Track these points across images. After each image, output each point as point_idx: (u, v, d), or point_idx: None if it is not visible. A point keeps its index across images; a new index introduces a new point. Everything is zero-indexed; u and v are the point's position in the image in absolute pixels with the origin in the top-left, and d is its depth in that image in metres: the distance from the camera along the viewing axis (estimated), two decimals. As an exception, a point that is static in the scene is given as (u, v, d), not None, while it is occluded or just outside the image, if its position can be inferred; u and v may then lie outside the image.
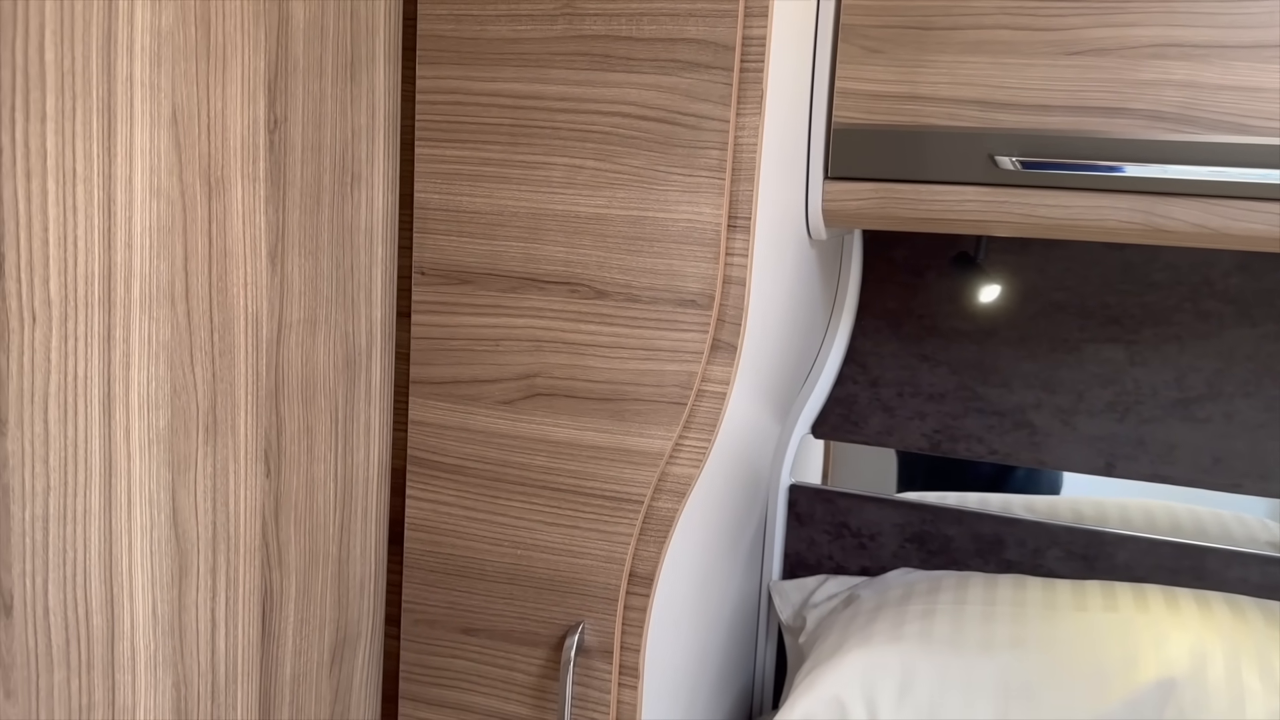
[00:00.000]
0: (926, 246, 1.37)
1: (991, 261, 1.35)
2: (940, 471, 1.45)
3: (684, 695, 1.10)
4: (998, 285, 1.35)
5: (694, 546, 1.02)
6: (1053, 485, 1.41)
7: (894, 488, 1.45)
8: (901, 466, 1.48)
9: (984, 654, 1.10)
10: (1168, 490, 1.33)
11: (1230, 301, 1.26)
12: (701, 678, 1.18)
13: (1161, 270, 1.28)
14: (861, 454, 1.46)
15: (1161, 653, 1.06)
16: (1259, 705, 1.00)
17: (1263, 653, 1.05)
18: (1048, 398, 1.34)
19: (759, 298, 0.94)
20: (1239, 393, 1.26)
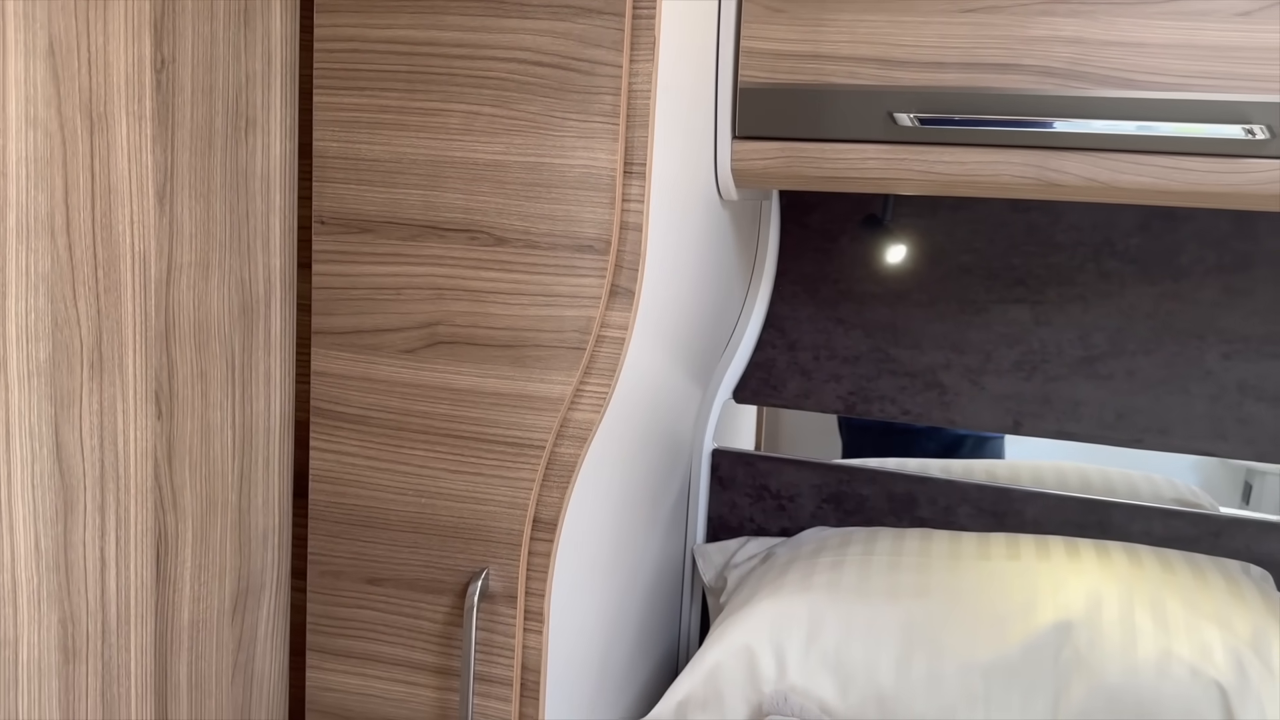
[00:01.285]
0: (840, 211, 1.40)
1: (900, 224, 1.37)
2: (895, 437, 1.48)
3: (597, 645, 1.11)
4: (907, 248, 1.37)
5: (602, 495, 1.03)
6: (996, 450, 1.45)
7: (839, 453, 1.48)
8: (848, 432, 1.51)
9: (889, 601, 1.12)
10: (1097, 452, 1.37)
11: (1131, 261, 1.29)
12: (619, 632, 1.19)
13: (1065, 231, 1.31)
14: (803, 420, 1.49)
15: (1059, 597, 1.09)
16: (1149, 643, 1.03)
17: (1155, 596, 1.08)
18: (957, 358, 1.37)
19: (660, 247, 0.95)
20: (1140, 350, 1.30)
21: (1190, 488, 1.37)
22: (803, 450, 1.48)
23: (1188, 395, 1.29)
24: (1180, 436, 1.30)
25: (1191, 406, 1.29)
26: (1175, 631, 1.04)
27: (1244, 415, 1.27)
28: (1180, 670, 1.00)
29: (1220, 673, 0.99)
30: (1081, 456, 1.39)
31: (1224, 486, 1.37)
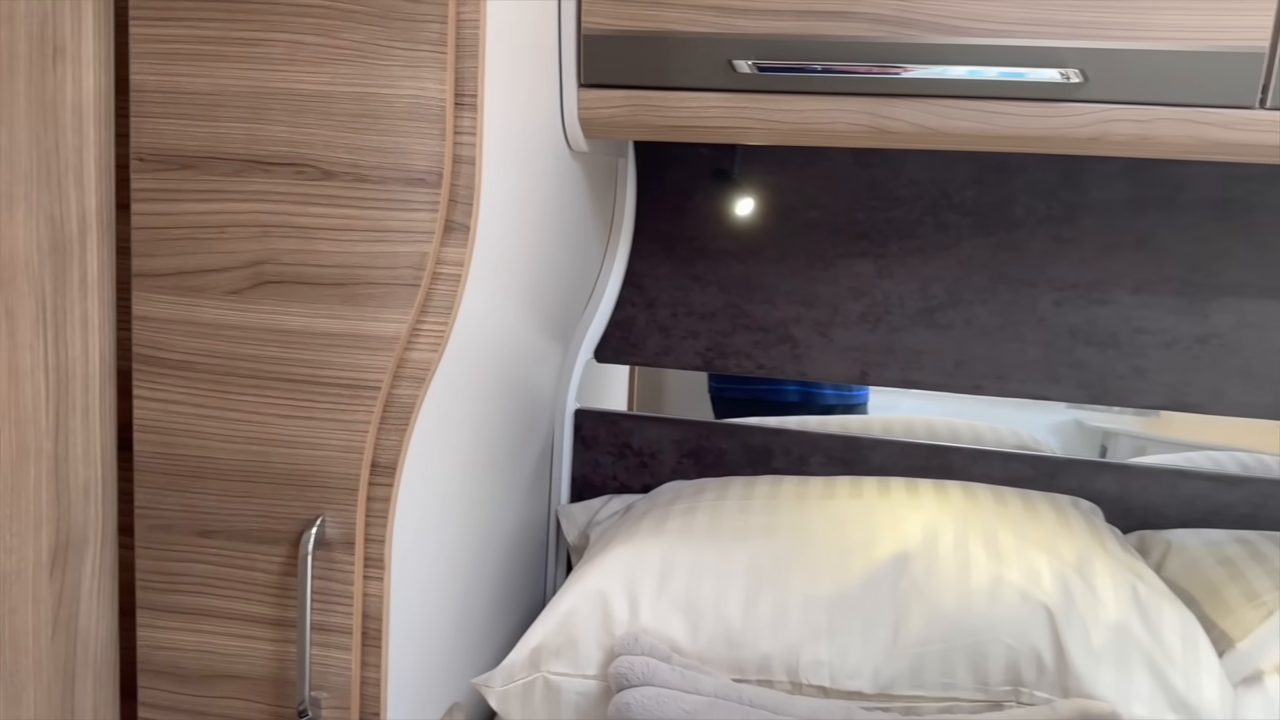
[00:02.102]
0: (694, 169, 1.41)
1: (750, 181, 1.40)
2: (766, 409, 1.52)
3: (450, 598, 1.10)
4: (758, 205, 1.40)
5: (448, 441, 1.01)
6: (894, 407, 1.50)
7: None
8: (720, 404, 1.54)
9: (738, 542, 1.14)
10: (959, 406, 1.43)
11: (967, 214, 1.35)
12: (476, 587, 1.18)
13: (905, 186, 1.36)
14: (678, 381, 1.52)
15: (898, 531, 1.13)
16: (982, 571, 1.07)
17: (989, 528, 1.13)
18: (807, 312, 1.40)
19: (499, 185, 0.94)
20: (976, 300, 1.36)
21: (1032, 436, 1.44)
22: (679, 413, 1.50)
23: (1022, 342, 1.35)
24: (1016, 381, 1.36)
25: (1026, 352, 1.35)
26: (1006, 559, 1.08)
27: (1075, 359, 1.34)
28: (1010, 594, 1.05)
29: (1048, 595, 1.04)
30: (964, 412, 1.45)
31: (1082, 446, 1.44)
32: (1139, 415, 1.48)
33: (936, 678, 1.04)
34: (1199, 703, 0.98)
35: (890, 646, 1.06)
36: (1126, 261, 1.31)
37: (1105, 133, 1.04)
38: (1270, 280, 1.28)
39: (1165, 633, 1.02)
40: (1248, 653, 1.03)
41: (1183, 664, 1.00)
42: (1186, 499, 1.32)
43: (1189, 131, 1.02)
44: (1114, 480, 1.34)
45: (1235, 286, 1.29)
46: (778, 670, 1.07)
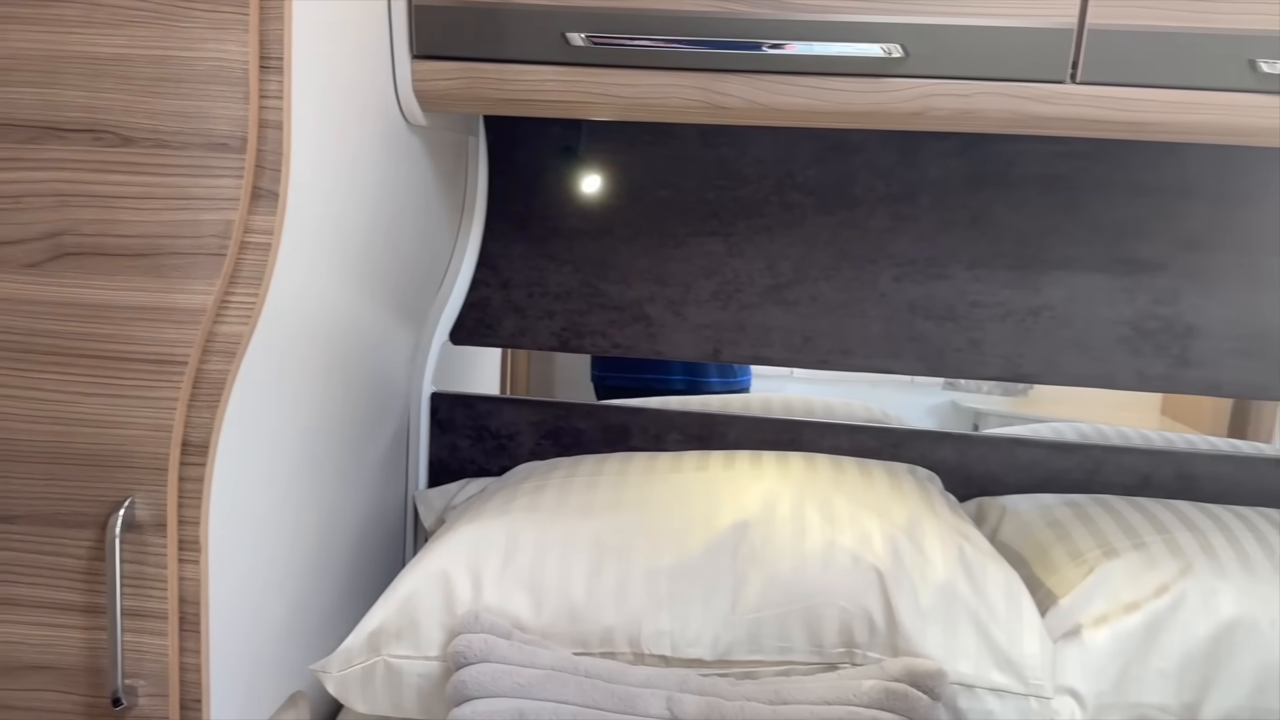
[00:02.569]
0: (545, 148, 1.41)
1: (600, 159, 1.40)
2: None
3: (283, 582, 1.07)
4: (610, 183, 1.40)
5: (271, 418, 0.99)
6: (780, 390, 1.52)
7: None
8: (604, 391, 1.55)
9: (583, 518, 1.14)
10: (830, 387, 1.47)
11: (810, 193, 1.37)
12: (318, 572, 1.15)
13: (751, 165, 1.38)
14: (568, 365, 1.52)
15: (739, 501, 1.14)
16: (817, 536, 1.09)
17: (825, 495, 1.15)
18: (660, 290, 1.41)
19: (315, 153, 0.92)
20: (822, 277, 1.39)
21: (882, 410, 1.47)
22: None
23: (865, 317, 1.39)
24: (860, 356, 1.39)
25: (869, 327, 1.39)
26: (840, 524, 1.11)
27: (915, 333, 1.38)
28: (843, 558, 1.07)
29: (878, 558, 1.07)
30: (845, 394, 1.48)
31: (957, 425, 1.49)
32: (1008, 395, 1.54)
33: (774, 642, 1.06)
34: (1021, 658, 1.02)
35: (729, 614, 1.07)
36: (962, 238, 1.35)
37: (928, 107, 1.07)
38: (1097, 254, 1.33)
39: (990, 591, 1.06)
40: (1069, 608, 1.08)
41: (1006, 621, 1.04)
42: (1023, 466, 1.37)
43: (1007, 105, 1.06)
44: (954, 450, 1.38)
45: (1065, 261, 1.34)
46: (620, 642, 1.07)
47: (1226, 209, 1.30)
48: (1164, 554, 1.10)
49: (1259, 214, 1.30)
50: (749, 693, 0.97)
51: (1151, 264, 1.32)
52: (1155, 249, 1.32)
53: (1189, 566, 1.07)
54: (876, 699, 0.95)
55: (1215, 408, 1.46)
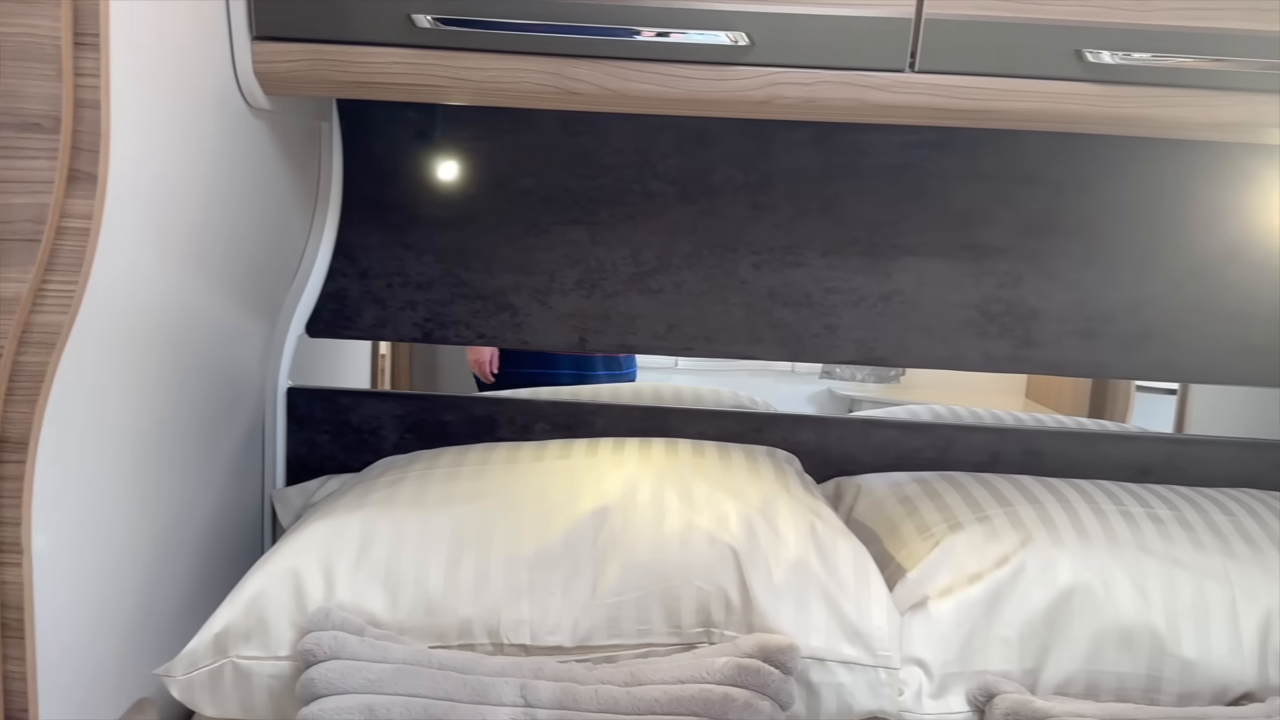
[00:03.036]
0: (402, 133, 1.38)
1: (460, 148, 1.38)
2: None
3: (120, 585, 1.02)
4: (472, 171, 1.38)
5: (99, 414, 0.94)
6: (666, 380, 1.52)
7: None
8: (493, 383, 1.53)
9: (442, 509, 1.12)
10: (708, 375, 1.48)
11: (671, 181, 1.38)
12: (162, 574, 1.11)
13: (612, 154, 1.38)
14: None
15: (600, 487, 1.14)
16: (675, 518, 1.10)
17: (684, 478, 1.16)
18: (525, 279, 1.40)
19: (139, 134, 0.88)
20: (684, 265, 1.40)
21: (750, 396, 1.50)
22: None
23: (727, 304, 1.40)
24: (723, 342, 1.41)
25: (730, 314, 1.40)
26: (698, 506, 1.12)
27: (774, 319, 1.40)
28: (700, 539, 1.08)
29: (734, 538, 1.08)
30: (726, 384, 1.50)
31: (832, 411, 1.52)
32: (881, 382, 1.58)
33: (633, 625, 1.06)
34: (869, 630, 1.05)
35: (589, 599, 1.07)
36: (817, 225, 1.38)
37: (774, 95, 1.08)
38: (943, 241, 1.38)
39: (840, 566, 1.09)
40: (916, 581, 1.11)
41: (855, 595, 1.07)
42: (878, 446, 1.41)
43: (849, 94, 1.08)
44: (813, 432, 1.41)
45: (913, 247, 1.38)
46: (479, 633, 1.06)
47: (1065, 196, 1.37)
48: (1006, 526, 1.14)
49: (1095, 200, 1.37)
50: (605, 676, 0.97)
51: (995, 250, 1.38)
52: (998, 235, 1.38)
53: (1029, 537, 1.12)
54: (729, 675, 0.96)
55: (1076, 390, 1.53)
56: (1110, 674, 1.06)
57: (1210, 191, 1.36)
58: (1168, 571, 1.09)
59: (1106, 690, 1.06)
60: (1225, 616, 1.07)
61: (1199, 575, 1.09)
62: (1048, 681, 1.06)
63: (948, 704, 1.04)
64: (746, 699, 0.94)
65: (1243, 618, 1.07)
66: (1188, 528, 1.16)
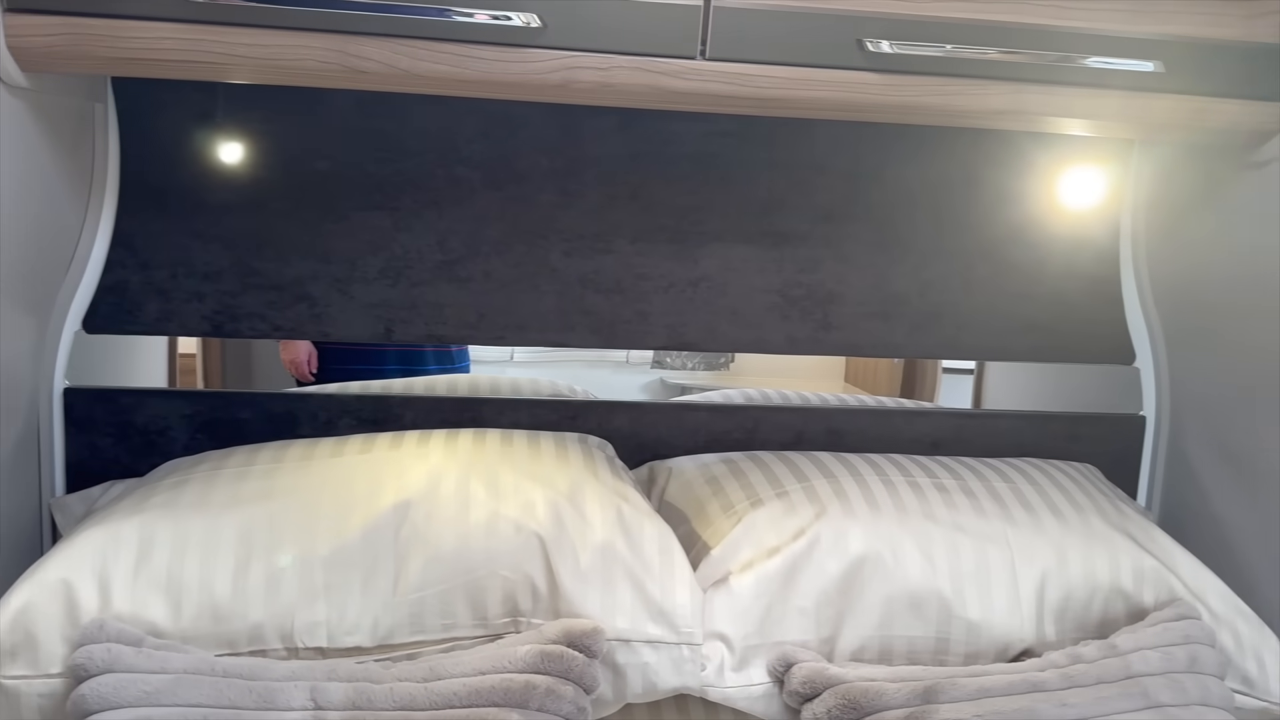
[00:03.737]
0: (185, 114, 1.30)
1: (248, 130, 1.31)
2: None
3: None
4: (261, 155, 1.32)
5: None
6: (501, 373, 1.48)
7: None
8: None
9: (229, 511, 1.07)
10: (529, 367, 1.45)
11: (477, 167, 1.36)
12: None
13: (413, 138, 1.34)
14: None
15: (402, 481, 1.11)
16: (481, 509, 1.09)
17: (492, 469, 1.15)
18: (324, 268, 1.35)
19: None
20: (493, 252, 1.38)
21: (569, 386, 1.49)
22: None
23: (538, 292, 1.39)
24: (536, 330, 1.40)
25: (542, 302, 1.39)
26: (504, 495, 1.10)
27: (586, 307, 1.40)
28: (506, 528, 1.07)
29: (540, 525, 1.08)
30: (560, 376, 1.48)
31: (666, 397, 1.52)
32: (711, 370, 1.60)
33: (437, 620, 1.04)
34: (673, 608, 1.06)
35: (390, 596, 1.04)
36: (625, 212, 1.39)
37: (570, 79, 1.08)
38: (746, 227, 1.41)
39: (646, 548, 1.09)
40: (720, 558, 1.13)
41: (660, 575, 1.08)
42: (691, 429, 1.44)
43: (644, 80, 1.09)
44: (628, 418, 1.42)
45: (719, 233, 1.41)
46: (271, 638, 1.01)
47: (857, 184, 1.42)
48: (803, 500, 1.18)
49: (886, 188, 1.43)
50: (402, 673, 0.95)
51: (795, 236, 1.42)
52: (797, 222, 1.42)
53: (824, 510, 1.16)
54: (532, 663, 0.96)
55: (890, 372, 1.59)
56: (902, 638, 1.11)
57: (994, 177, 1.45)
58: (952, 538, 1.15)
59: (899, 654, 1.11)
60: (1005, 579, 1.14)
61: (981, 540, 1.16)
62: (843, 648, 1.10)
63: (749, 676, 1.07)
64: (549, 685, 0.94)
65: (1021, 579, 1.14)
66: (971, 496, 1.22)
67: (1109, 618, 1.16)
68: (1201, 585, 1.17)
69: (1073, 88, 1.14)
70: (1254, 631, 1.15)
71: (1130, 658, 1.05)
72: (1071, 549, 1.17)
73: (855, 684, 1.01)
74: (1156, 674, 1.03)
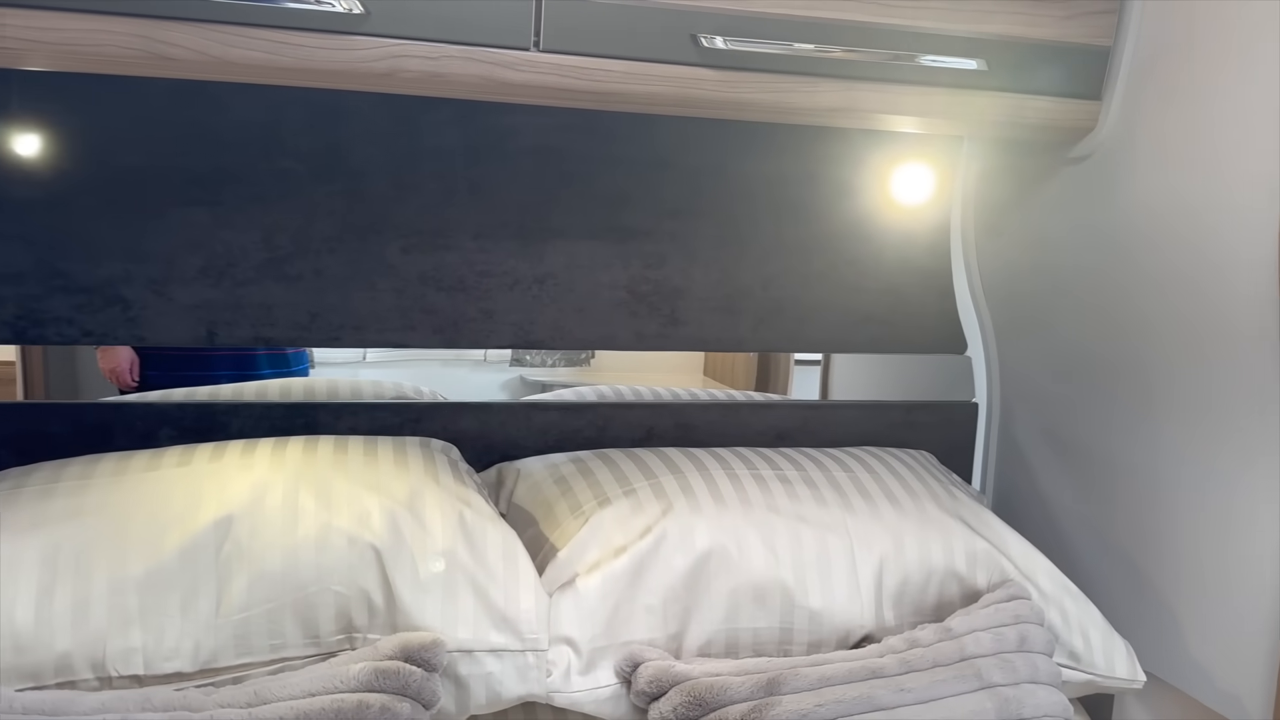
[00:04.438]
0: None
1: (49, 121, 1.21)
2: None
3: None
4: (64, 147, 1.22)
5: None
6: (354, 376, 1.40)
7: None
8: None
9: (32, 532, 0.98)
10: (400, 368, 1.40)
11: (304, 159, 1.29)
12: None
13: (233, 129, 1.27)
14: None
15: (223, 494, 1.04)
16: (310, 521, 1.03)
17: (322, 478, 1.09)
18: (138, 269, 1.26)
19: None
20: (325, 249, 1.31)
21: (415, 386, 1.44)
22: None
23: (375, 290, 1.34)
24: (374, 331, 1.35)
25: (380, 300, 1.34)
26: (337, 506, 1.05)
27: (427, 305, 1.36)
28: (339, 540, 1.02)
29: (376, 536, 1.03)
30: (413, 377, 1.41)
31: (529, 394, 1.47)
32: (571, 366, 1.56)
33: (265, 640, 0.98)
34: (517, 615, 1.03)
35: (213, 617, 0.98)
36: (465, 207, 1.35)
37: (397, 68, 1.04)
38: (590, 223, 1.39)
39: (489, 554, 1.06)
40: (567, 560, 1.11)
41: (504, 581, 1.05)
42: (540, 428, 1.41)
43: (476, 70, 1.06)
44: (475, 419, 1.38)
45: (563, 229, 1.39)
46: (81, 667, 0.94)
47: (699, 179, 1.42)
48: (650, 498, 1.17)
49: (729, 184, 1.44)
50: (224, 699, 0.89)
51: (640, 232, 1.41)
52: (642, 218, 1.41)
53: (670, 506, 1.15)
54: (365, 681, 0.91)
55: (747, 366, 1.60)
56: (747, 630, 1.12)
57: (832, 173, 1.47)
58: (794, 528, 1.16)
59: (744, 646, 1.12)
60: (845, 566, 1.16)
61: (822, 530, 1.17)
62: (690, 644, 1.10)
63: (596, 678, 1.05)
64: (383, 703, 0.90)
65: (860, 566, 1.16)
66: (812, 486, 1.24)
67: (944, 600, 1.19)
68: (1031, 566, 1.22)
69: (902, 85, 1.17)
70: (1080, 608, 1.21)
71: (964, 640, 1.08)
72: (908, 535, 1.20)
73: (700, 680, 1.01)
74: (989, 655, 1.06)
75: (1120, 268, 1.27)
